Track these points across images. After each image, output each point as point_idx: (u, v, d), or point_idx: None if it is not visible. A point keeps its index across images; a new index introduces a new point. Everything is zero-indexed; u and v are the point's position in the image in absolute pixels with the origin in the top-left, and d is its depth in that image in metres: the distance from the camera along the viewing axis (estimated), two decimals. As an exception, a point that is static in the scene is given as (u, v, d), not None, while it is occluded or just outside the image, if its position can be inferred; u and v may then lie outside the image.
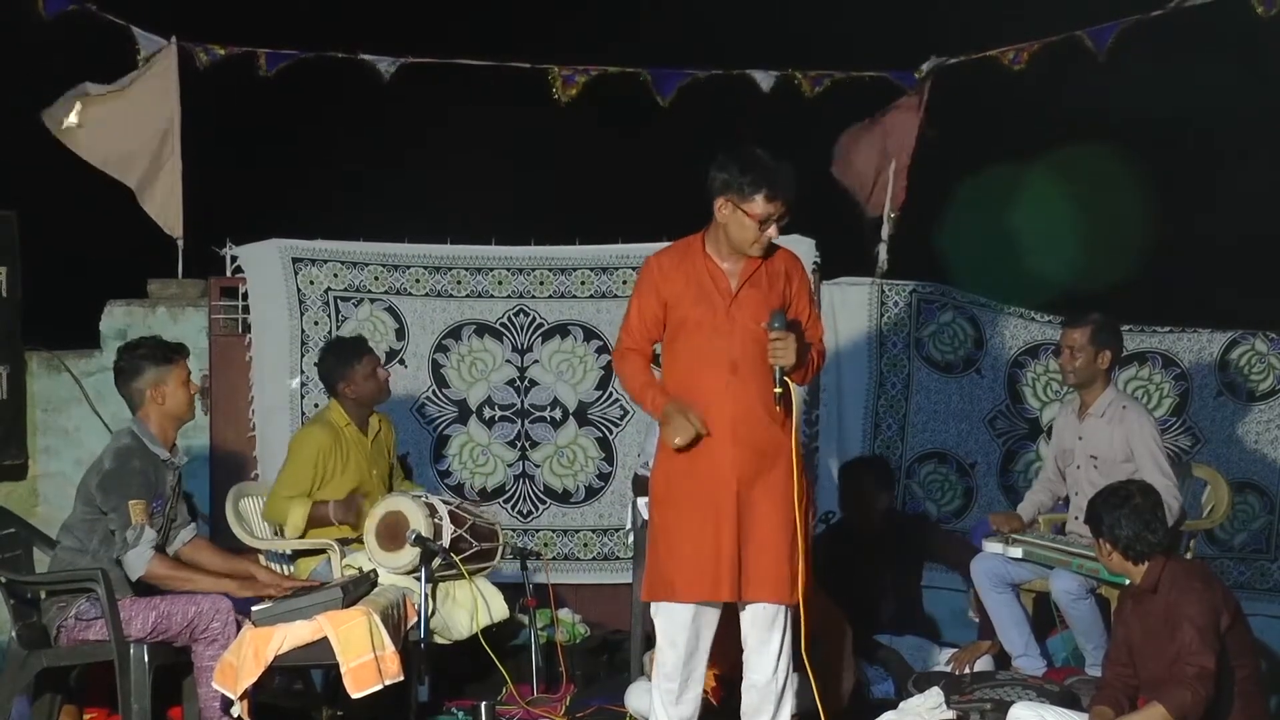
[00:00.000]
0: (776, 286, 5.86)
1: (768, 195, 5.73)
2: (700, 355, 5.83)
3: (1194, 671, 5.69)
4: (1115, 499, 6.03)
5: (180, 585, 6.28)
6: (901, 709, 6.56)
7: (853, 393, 8.60)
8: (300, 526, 7.15)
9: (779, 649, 5.85)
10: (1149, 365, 8.60)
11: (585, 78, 8.71)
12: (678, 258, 5.90)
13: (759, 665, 5.89)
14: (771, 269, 5.88)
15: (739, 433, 5.78)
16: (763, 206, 5.75)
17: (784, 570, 5.77)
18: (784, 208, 5.76)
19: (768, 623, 5.85)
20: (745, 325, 5.79)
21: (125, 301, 8.44)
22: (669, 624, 5.86)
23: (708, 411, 5.79)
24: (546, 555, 8.25)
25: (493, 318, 8.47)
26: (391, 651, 6.24)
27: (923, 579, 7.93)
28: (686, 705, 5.91)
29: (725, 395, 5.79)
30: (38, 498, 8.26)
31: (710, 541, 5.76)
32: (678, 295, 5.85)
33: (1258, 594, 8.42)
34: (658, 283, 5.88)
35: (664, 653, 5.88)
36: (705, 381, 5.82)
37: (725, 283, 5.84)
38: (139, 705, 6.14)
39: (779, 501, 5.79)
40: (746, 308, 5.81)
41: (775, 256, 5.91)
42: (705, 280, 5.84)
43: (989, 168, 10.00)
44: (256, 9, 9.35)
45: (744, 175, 5.73)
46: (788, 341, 5.72)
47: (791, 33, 9.89)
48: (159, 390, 6.36)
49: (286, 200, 9.43)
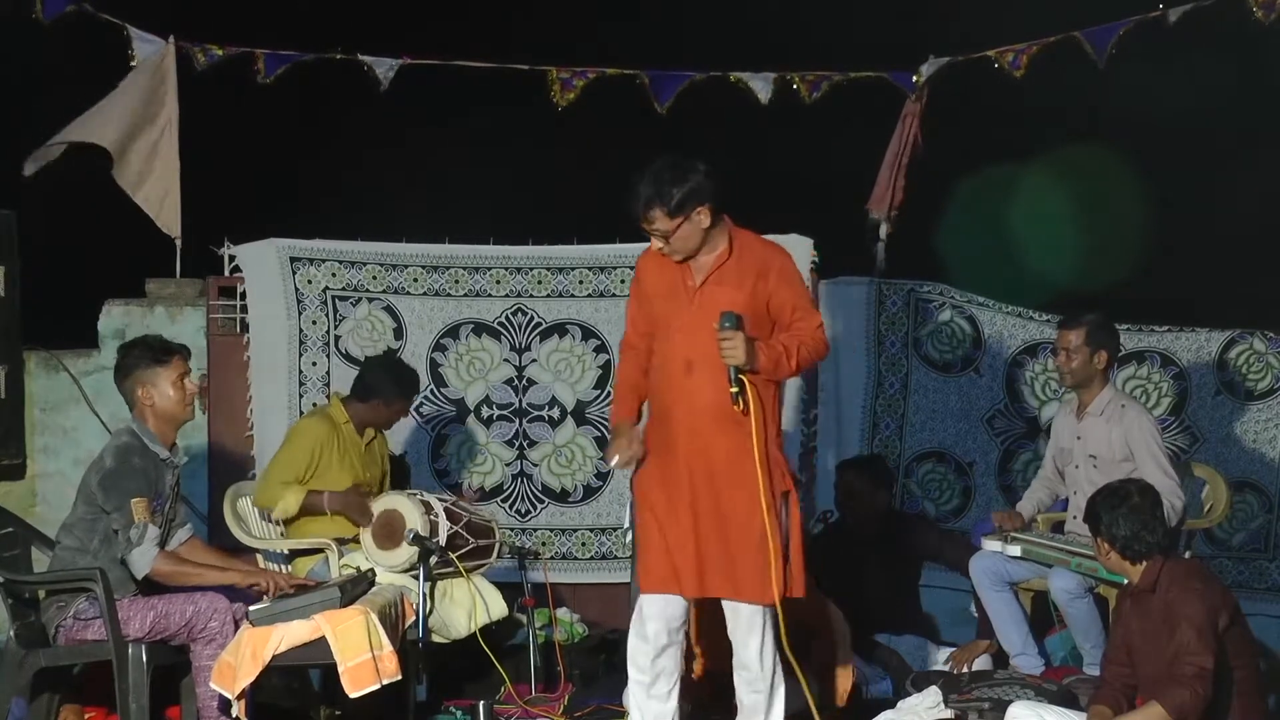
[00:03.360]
0: (747, 283, 5.82)
1: (636, 216, 5.83)
2: (664, 353, 5.86)
3: (1192, 671, 5.69)
4: (1114, 498, 6.02)
5: (186, 580, 6.27)
6: (900, 708, 6.56)
7: (851, 392, 8.60)
8: (292, 511, 7.12)
9: (760, 647, 5.84)
10: (1147, 364, 8.60)
11: (583, 81, 8.72)
12: (658, 253, 5.92)
13: (743, 662, 5.89)
14: (743, 264, 5.85)
15: (693, 432, 5.79)
16: (640, 225, 5.85)
17: (756, 570, 5.75)
18: (646, 223, 5.79)
19: (745, 622, 5.84)
20: (705, 323, 5.77)
21: (123, 301, 8.44)
22: (638, 616, 5.89)
23: (670, 411, 5.81)
24: (544, 554, 8.25)
25: (491, 317, 8.48)
26: (389, 651, 6.23)
27: (922, 578, 7.93)
28: (658, 699, 5.90)
29: (682, 396, 5.80)
30: (36, 497, 8.26)
31: (668, 538, 5.79)
32: (654, 291, 5.91)
33: (1256, 593, 8.42)
34: (641, 278, 5.99)
35: (634, 644, 5.91)
36: (667, 380, 5.84)
37: (691, 279, 5.85)
38: (137, 705, 6.13)
39: (746, 501, 5.76)
40: (709, 305, 5.79)
41: (750, 251, 5.88)
42: (675, 277, 5.87)
43: (987, 168, 10.00)
44: (254, 10, 9.34)
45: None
46: (735, 341, 5.68)
47: (790, 34, 9.88)
48: (148, 391, 6.35)
49: (284, 199, 9.44)
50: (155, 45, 8.46)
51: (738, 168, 9.92)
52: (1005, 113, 9.56)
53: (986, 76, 8.67)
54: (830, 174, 9.38)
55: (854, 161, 9.10)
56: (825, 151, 9.28)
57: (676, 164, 5.78)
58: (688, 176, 5.75)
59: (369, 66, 8.65)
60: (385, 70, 8.64)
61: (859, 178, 8.97)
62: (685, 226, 5.76)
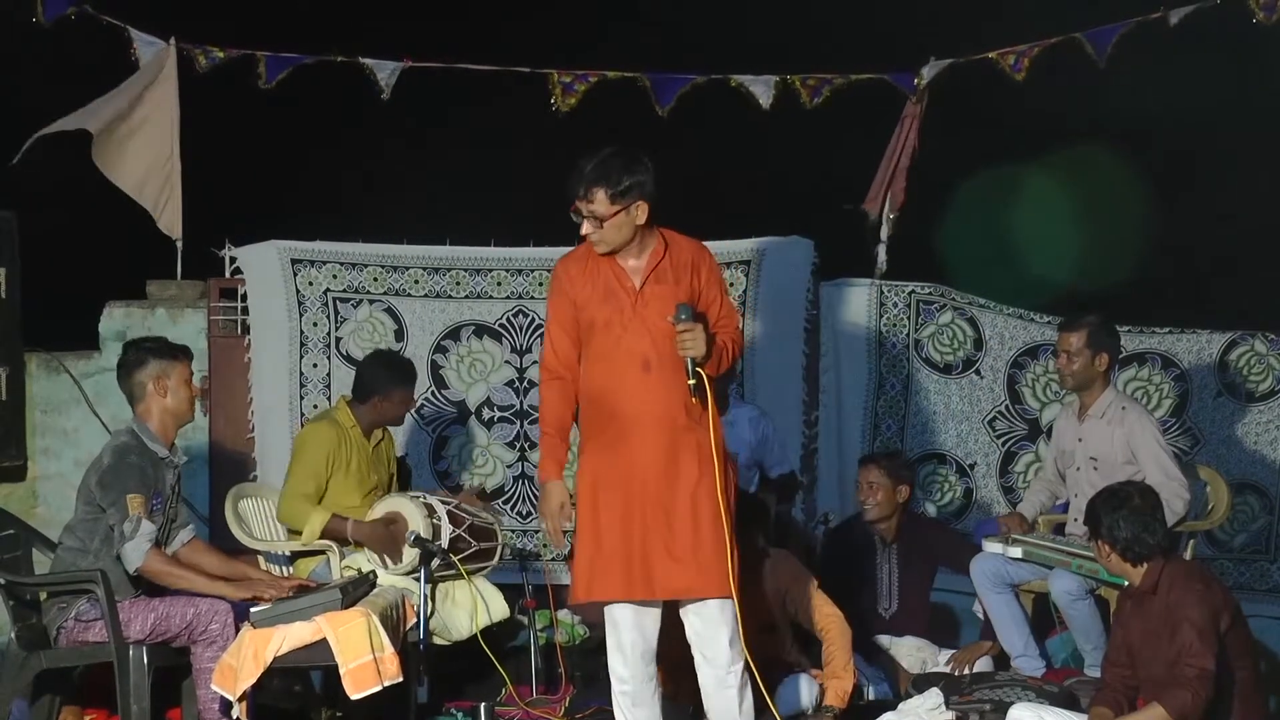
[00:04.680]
0: (684, 280, 5.83)
1: (569, 194, 5.82)
2: (612, 355, 5.80)
3: (1194, 673, 5.69)
4: (1114, 500, 6.03)
5: (175, 583, 6.28)
6: (901, 710, 6.56)
7: (852, 394, 8.60)
8: (316, 534, 7.07)
9: (729, 640, 5.79)
10: (1148, 366, 8.60)
11: (584, 85, 8.71)
12: (582, 261, 5.89)
13: (711, 660, 5.83)
14: (677, 261, 5.85)
15: (656, 431, 5.76)
16: (574, 204, 5.81)
17: (718, 565, 5.73)
18: (586, 202, 5.76)
19: (714, 619, 5.80)
20: (653, 322, 5.76)
21: (124, 303, 8.44)
22: (612, 628, 5.84)
23: (624, 411, 5.77)
24: (545, 556, 8.25)
25: (492, 319, 8.48)
26: (391, 652, 6.23)
27: (934, 582, 7.88)
28: (644, 705, 5.86)
29: (639, 394, 5.77)
30: (37, 499, 8.26)
31: (622, 541, 5.75)
32: (585, 297, 5.84)
33: (1257, 595, 8.42)
34: (565, 287, 5.88)
35: (613, 656, 5.85)
36: (618, 381, 5.79)
37: (629, 281, 5.82)
38: (138, 706, 6.14)
39: (705, 497, 5.75)
40: (653, 304, 5.78)
41: (681, 249, 5.88)
42: (610, 280, 5.83)
43: (988, 169, 10.00)
44: (255, 11, 9.34)
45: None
46: (695, 332, 5.69)
47: (791, 37, 9.88)
48: (162, 383, 6.37)
49: (285, 201, 9.43)
50: (156, 46, 8.46)
51: (738, 170, 10.00)
52: (1006, 114, 9.55)
53: (987, 78, 8.67)
54: (831, 176, 9.37)
55: (855, 164, 9.10)
56: (826, 154, 9.27)
57: (626, 153, 5.79)
58: (635, 169, 5.76)
59: (370, 70, 8.65)
60: (387, 74, 8.63)
61: (860, 180, 8.97)
62: (621, 216, 5.75)
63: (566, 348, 5.87)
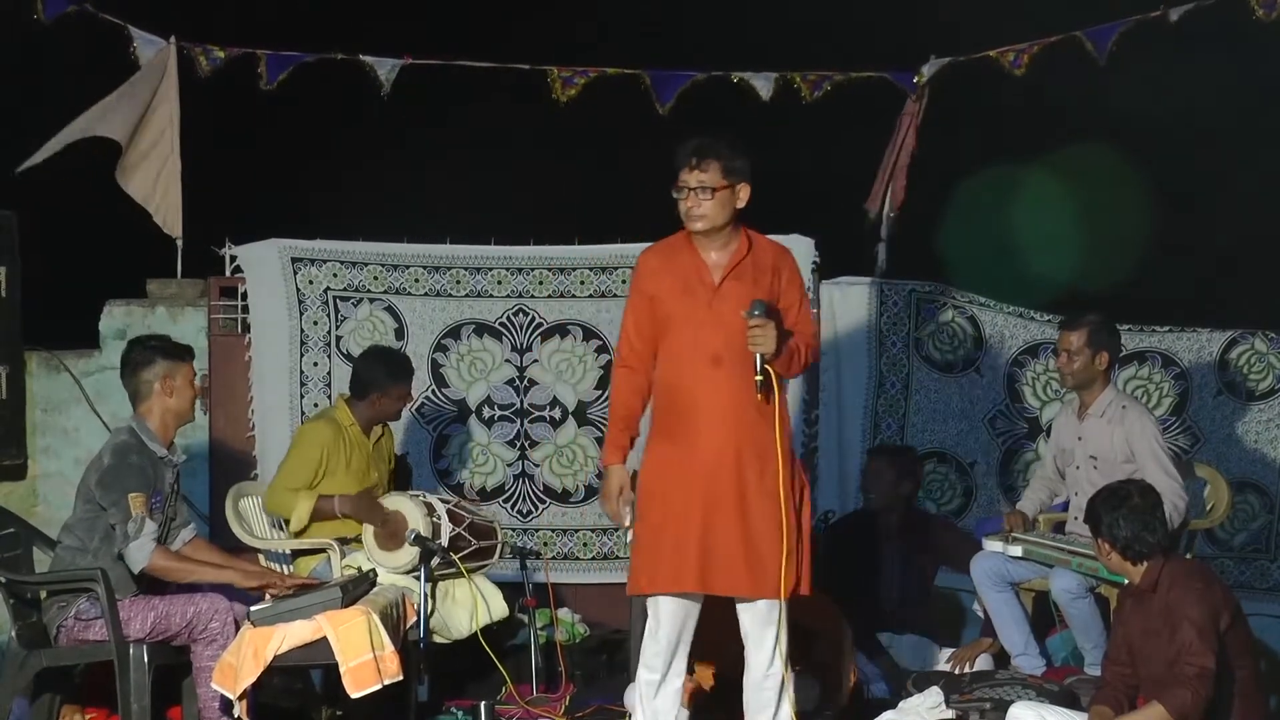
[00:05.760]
0: (763, 281, 5.87)
1: (680, 165, 5.83)
2: (684, 349, 5.84)
3: (1194, 671, 5.69)
4: (1114, 499, 6.03)
5: (184, 576, 6.29)
6: (901, 708, 6.56)
7: (852, 392, 8.60)
8: (305, 519, 7.12)
9: (774, 643, 5.84)
10: (1148, 365, 8.60)
11: (585, 79, 8.72)
12: (665, 253, 5.94)
13: (755, 661, 5.90)
14: (759, 262, 5.89)
15: (724, 427, 5.78)
16: (681, 176, 5.83)
17: (776, 565, 5.76)
18: (698, 170, 5.78)
19: (762, 618, 5.85)
20: (728, 318, 5.79)
21: (124, 301, 8.43)
22: (654, 616, 5.88)
23: (691, 404, 5.80)
24: (546, 555, 8.26)
25: (492, 317, 8.48)
26: (391, 651, 6.24)
27: (936, 579, 7.89)
28: (665, 698, 5.90)
29: (709, 389, 5.79)
30: (37, 498, 8.25)
31: (679, 534, 5.77)
32: (664, 290, 5.88)
33: (1257, 594, 8.41)
34: (644, 279, 5.94)
35: (647, 644, 5.91)
36: (690, 376, 5.82)
37: (709, 276, 5.86)
38: (138, 705, 6.14)
39: (768, 496, 5.77)
40: (729, 300, 5.81)
41: (764, 250, 5.93)
42: (690, 274, 5.87)
43: (988, 167, 9.99)
44: (255, 10, 9.34)
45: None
46: (767, 328, 5.72)
47: (792, 34, 9.88)
48: (168, 383, 6.37)
49: (285, 200, 9.42)
50: (156, 45, 8.45)
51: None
52: (1006, 112, 9.56)
53: (988, 76, 8.67)
54: (831, 174, 9.38)
55: (855, 161, 9.10)
56: (826, 151, 9.27)
57: (736, 139, 5.87)
58: (747, 154, 5.87)
59: (370, 67, 8.64)
60: (387, 71, 8.63)
61: (860, 178, 8.97)
62: (726, 194, 5.81)
63: (638, 340, 5.92)
